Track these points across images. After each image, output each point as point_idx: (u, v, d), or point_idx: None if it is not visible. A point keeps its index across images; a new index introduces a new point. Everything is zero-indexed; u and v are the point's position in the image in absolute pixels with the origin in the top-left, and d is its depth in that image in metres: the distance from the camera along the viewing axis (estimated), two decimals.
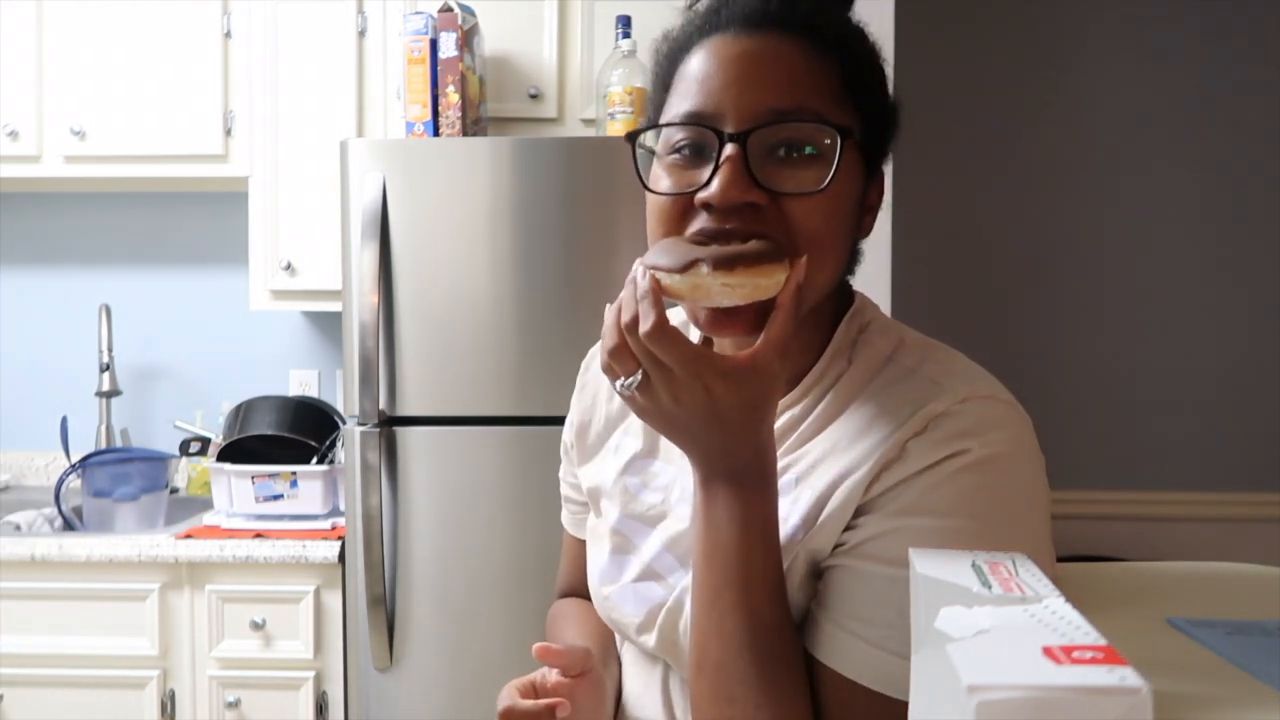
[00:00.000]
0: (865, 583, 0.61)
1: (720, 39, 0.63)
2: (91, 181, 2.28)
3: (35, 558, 1.85)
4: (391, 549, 1.76)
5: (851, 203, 0.64)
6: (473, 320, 1.75)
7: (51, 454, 2.42)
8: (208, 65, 2.12)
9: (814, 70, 0.61)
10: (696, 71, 0.63)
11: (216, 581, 1.86)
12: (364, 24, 2.08)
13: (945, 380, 0.63)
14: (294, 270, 2.10)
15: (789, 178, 0.60)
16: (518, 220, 1.74)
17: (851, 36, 0.65)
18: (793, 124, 0.60)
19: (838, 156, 0.60)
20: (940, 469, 0.59)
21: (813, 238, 0.60)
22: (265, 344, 2.47)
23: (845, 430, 0.65)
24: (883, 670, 0.59)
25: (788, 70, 0.61)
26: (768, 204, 0.60)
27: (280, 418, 2.03)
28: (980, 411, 0.61)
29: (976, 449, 0.59)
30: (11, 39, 2.13)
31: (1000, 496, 0.59)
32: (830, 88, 0.61)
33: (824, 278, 0.63)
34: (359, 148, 1.75)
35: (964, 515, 0.58)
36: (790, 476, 0.66)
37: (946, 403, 0.61)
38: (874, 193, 0.68)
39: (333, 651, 1.87)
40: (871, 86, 0.65)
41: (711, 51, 0.62)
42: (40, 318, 2.50)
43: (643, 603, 0.73)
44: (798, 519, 0.64)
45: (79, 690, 1.87)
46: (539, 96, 2.06)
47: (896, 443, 0.61)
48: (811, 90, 0.61)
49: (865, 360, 0.68)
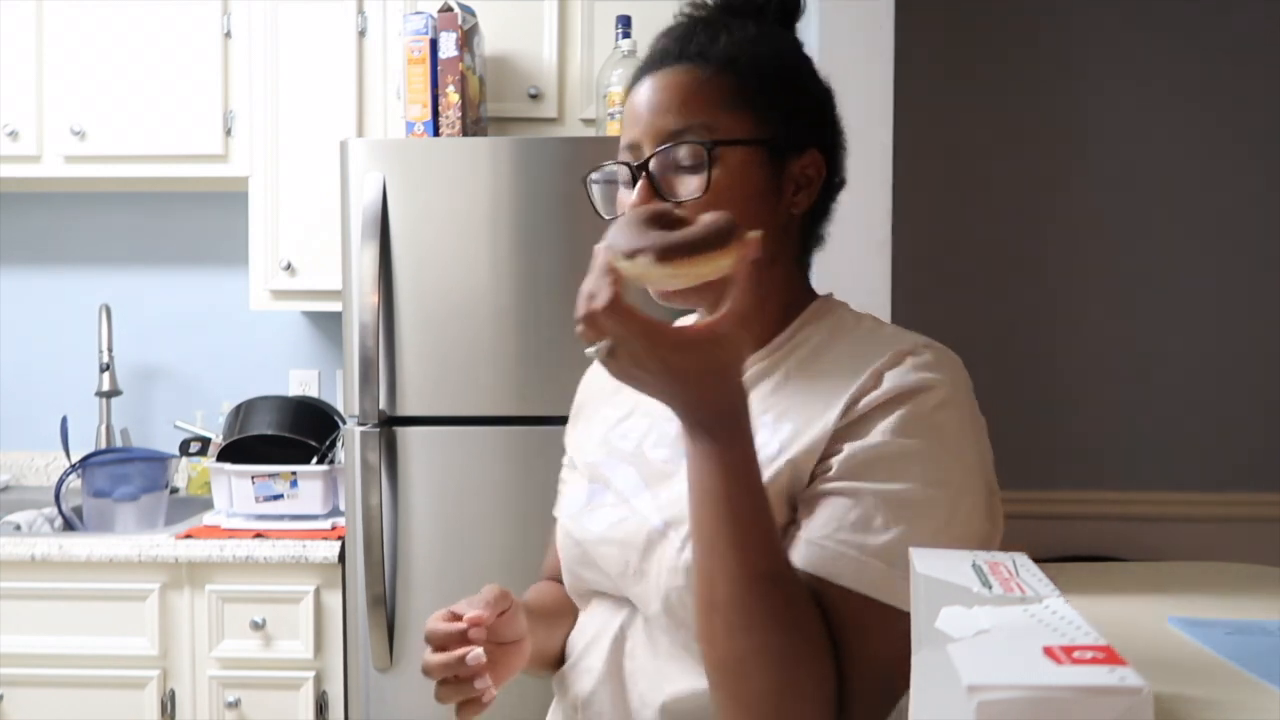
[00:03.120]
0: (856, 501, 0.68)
1: (645, 80, 0.79)
2: (91, 181, 2.28)
3: (35, 558, 1.85)
4: (391, 549, 1.75)
5: (745, 192, 0.75)
6: (473, 320, 1.75)
7: (51, 454, 2.42)
8: (208, 65, 2.12)
9: (704, 90, 0.76)
10: (629, 109, 0.80)
11: (216, 581, 1.86)
12: (364, 24, 2.08)
13: (907, 334, 0.77)
14: (294, 270, 2.10)
15: (683, 186, 0.75)
16: (518, 220, 1.74)
17: (744, 55, 0.77)
18: (674, 146, 0.75)
19: (708, 166, 0.73)
20: (914, 402, 0.70)
21: None
22: (265, 344, 2.47)
23: (823, 372, 0.76)
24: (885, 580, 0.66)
25: (680, 95, 0.76)
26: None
27: (280, 418, 2.03)
28: (940, 355, 0.74)
29: (941, 387, 0.70)
30: (11, 39, 2.13)
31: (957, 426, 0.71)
32: (719, 100, 0.76)
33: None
34: (359, 148, 1.75)
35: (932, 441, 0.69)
36: (769, 416, 0.75)
37: (913, 344, 0.74)
38: (804, 170, 0.79)
39: (333, 651, 1.87)
40: (770, 90, 0.77)
41: (639, 90, 0.79)
42: (40, 318, 2.50)
43: (605, 518, 0.81)
44: (776, 444, 0.73)
45: (79, 690, 1.87)
46: (539, 96, 2.06)
47: (872, 374, 0.72)
48: (701, 107, 0.75)
49: (838, 325, 0.80)
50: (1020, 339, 2.41)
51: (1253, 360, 2.40)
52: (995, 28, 2.41)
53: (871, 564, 0.67)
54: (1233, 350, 2.40)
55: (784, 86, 0.79)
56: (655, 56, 0.80)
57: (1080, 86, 2.41)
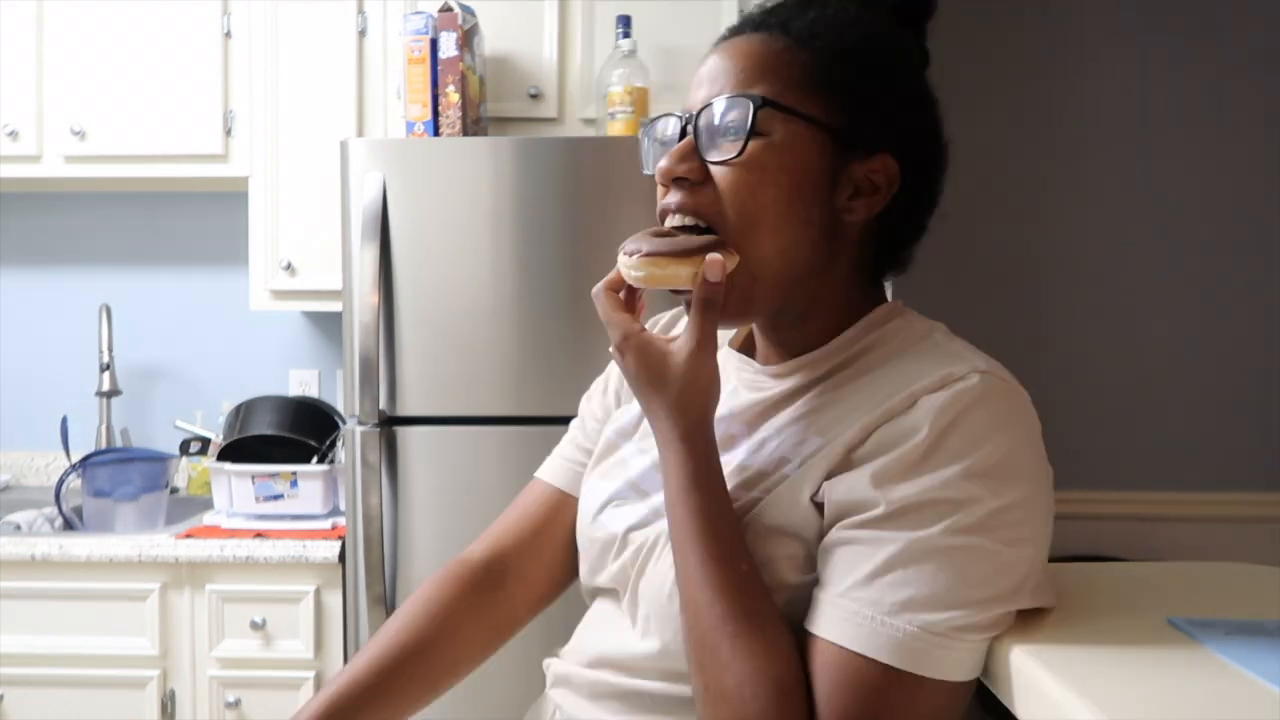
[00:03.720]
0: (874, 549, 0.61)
1: (717, 46, 0.73)
2: (91, 181, 2.28)
3: (35, 558, 1.85)
4: (391, 549, 1.75)
5: (791, 177, 0.67)
6: (473, 320, 1.74)
7: (51, 454, 2.42)
8: (208, 65, 2.11)
9: (777, 61, 0.68)
10: (697, 74, 0.73)
11: (217, 581, 1.86)
12: (364, 24, 2.08)
13: (969, 355, 0.67)
14: (294, 270, 2.10)
15: (720, 148, 0.68)
16: (518, 220, 1.74)
17: (831, 35, 0.69)
18: (724, 100, 0.68)
19: (749, 125, 0.66)
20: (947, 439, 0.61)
21: (737, 205, 0.68)
22: (265, 344, 2.47)
23: (869, 382, 0.69)
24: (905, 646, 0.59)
25: (748, 61, 0.69)
26: (701, 176, 0.69)
27: (280, 418, 2.03)
28: (989, 384, 0.63)
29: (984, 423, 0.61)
30: (11, 39, 2.13)
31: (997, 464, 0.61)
32: (793, 77, 0.68)
33: (768, 248, 0.68)
34: (359, 148, 1.75)
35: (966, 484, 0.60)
36: (799, 426, 0.70)
37: (967, 367, 0.64)
38: (870, 176, 0.70)
39: (333, 651, 1.87)
40: (851, 78, 0.69)
41: (708, 56, 0.73)
42: (40, 318, 2.50)
43: (626, 515, 0.78)
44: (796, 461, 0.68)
45: (79, 690, 1.86)
46: (539, 96, 2.06)
47: (909, 395, 0.64)
48: (769, 77, 0.68)
49: (901, 334, 0.72)
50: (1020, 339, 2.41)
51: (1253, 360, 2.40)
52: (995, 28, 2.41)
53: (888, 624, 0.59)
54: (1233, 350, 2.40)
55: (867, 76, 0.70)
56: (739, 23, 0.74)
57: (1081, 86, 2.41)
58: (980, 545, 0.59)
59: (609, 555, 0.78)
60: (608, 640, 0.78)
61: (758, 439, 0.73)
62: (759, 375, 0.77)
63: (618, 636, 0.77)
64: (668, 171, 0.69)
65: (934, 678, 0.59)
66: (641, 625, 0.74)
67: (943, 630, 0.58)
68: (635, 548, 0.76)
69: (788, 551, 0.66)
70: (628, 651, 0.74)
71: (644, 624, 0.73)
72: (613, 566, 0.78)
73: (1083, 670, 0.53)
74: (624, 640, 0.76)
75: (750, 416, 0.75)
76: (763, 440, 0.72)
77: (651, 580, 0.73)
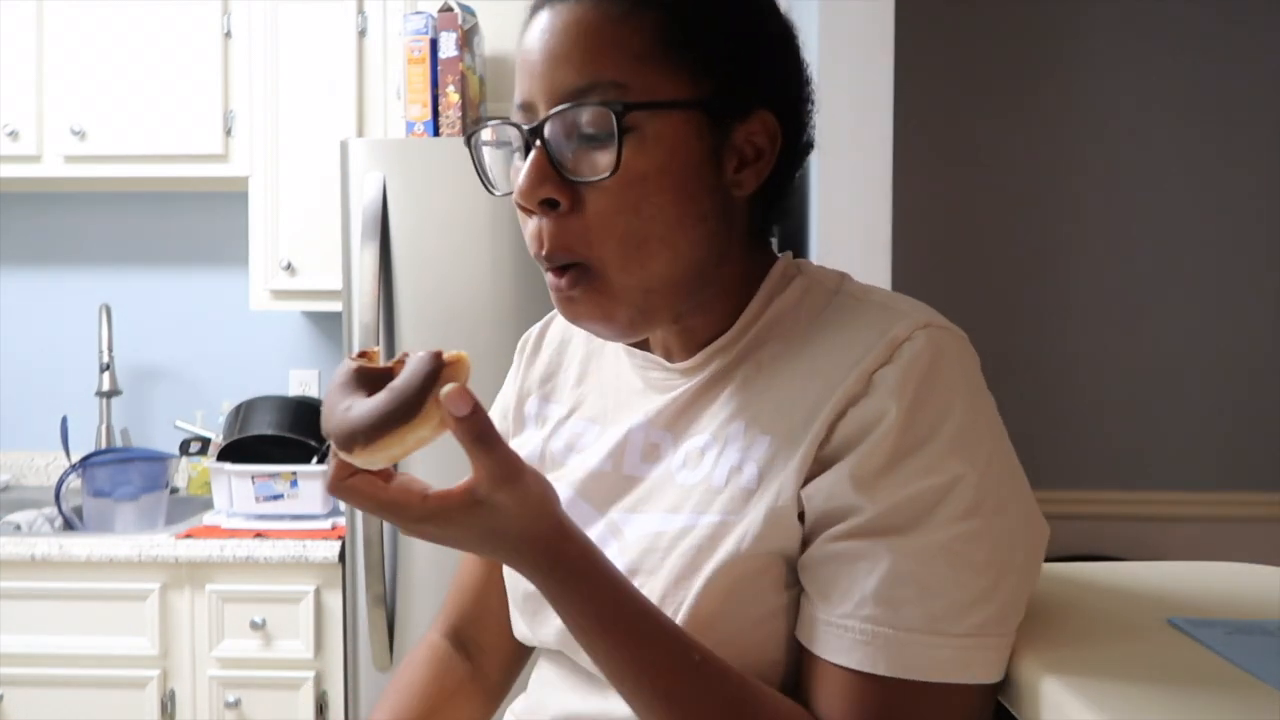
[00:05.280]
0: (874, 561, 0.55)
1: (539, 14, 0.61)
2: (91, 181, 2.28)
3: (35, 558, 1.85)
4: (391, 549, 1.75)
5: (674, 178, 0.58)
6: (473, 320, 1.74)
7: (51, 454, 2.42)
8: (208, 65, 2.11)
9: (617, 33, 0.57)
10: (521, 54, 0.61)
11: (216, 581, 1.86)
12: (364, 24, 2.08)
13: (897, 305, 0.61)
14: (294, 270, 2.10)
15: (587, 164, 0.58)
16: (517, 220, 1.74)
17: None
18: (576, 108, 0.57)
19: (617, 136, 0.56)
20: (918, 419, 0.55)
21: (618, 234, 0.58)
22: (265, 344, 2.47)
23: (802, 359, 0.61)
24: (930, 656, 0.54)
25: (585, 39, 0.57)
26: (569, 204, 0.58)
27: (280, 418, 2.03)
28: (937, 338, 0.58)
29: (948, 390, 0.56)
30: (11, 39, 2.13)
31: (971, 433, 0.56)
32: (638, 49, 0.57)
33: (656, 269, 0.59)
34: (359, 148, 1.75)
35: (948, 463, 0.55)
36: (738, 424, 0.62)
37: (909, 326, 0.58)
38: (752, 140, 0.61)
39: (333, 651, 1.87)
40: (711, 32, 0.59)
41: (532, 29, 0.61)
42: (40, 318, 2.50)
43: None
44: (755, 469, 0.60)
45: (79, 690, 1.86)
46: None
47: (860, 376, 0.57)
48: (611, 57, 0.57)
49: (811, 294, 0.65)
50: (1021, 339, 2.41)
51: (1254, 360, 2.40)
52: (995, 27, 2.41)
53: (915, 640, 0.54)
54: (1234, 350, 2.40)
55: (723, 25, 0.60)
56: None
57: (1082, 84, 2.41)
58: (978, 527, 0.55)
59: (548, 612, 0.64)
60: (569, 701, 0.67)
61: (691, 446, 0.64)
62: (669, 375, 0.68)
63: (584, 698, 0.66)
64: (529, 196, 0.59)
65: (968, 683, 0.55)
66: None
67: (968, 631, 0.54)
68: None
69: (771, 574, 0.59)
70: (601, 713, 0.64)
71: None
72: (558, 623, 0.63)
73: (1083, 670, 0.53)
74: (594, 703, 0.65)
75: (668, 420, 0.66)
76: (700, 449, 0.63)
77: None
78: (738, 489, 0.60)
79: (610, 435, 0.69)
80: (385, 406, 0.52)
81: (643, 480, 0.66)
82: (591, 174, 0.57)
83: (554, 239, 0.60)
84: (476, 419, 0.52)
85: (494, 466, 0.53)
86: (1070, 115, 2.41)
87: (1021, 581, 0.57)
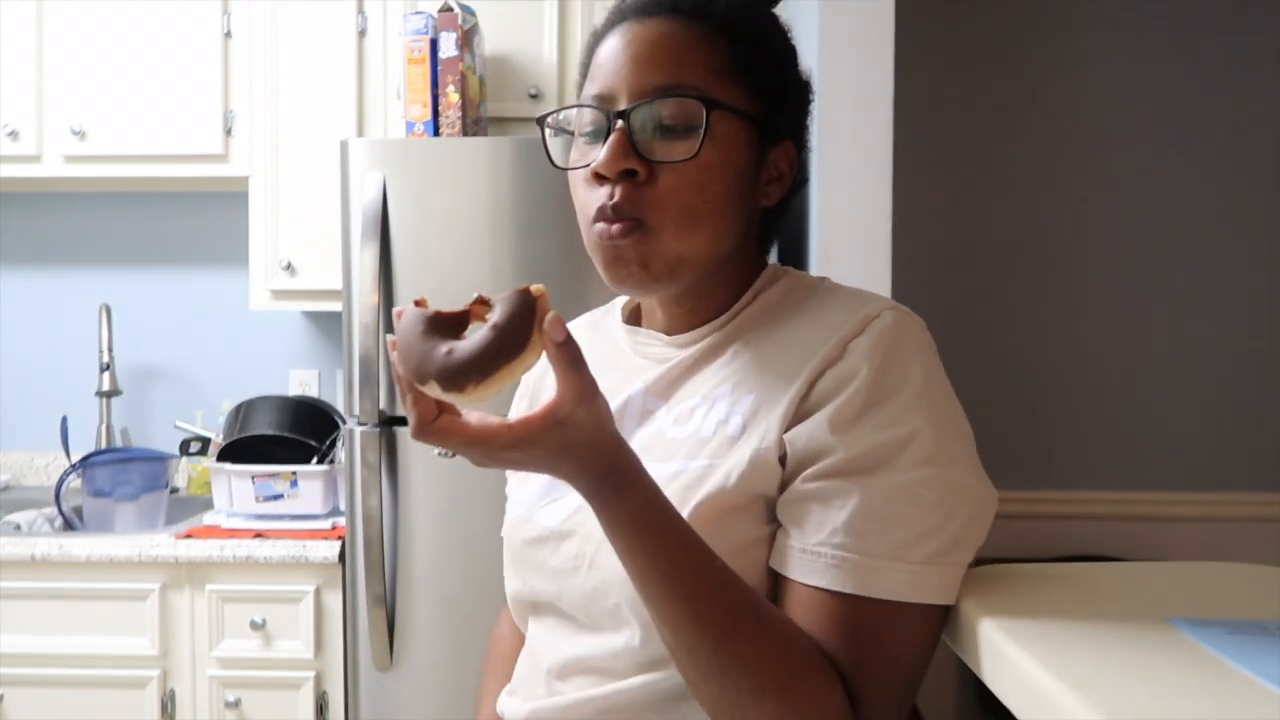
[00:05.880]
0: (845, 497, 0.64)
1: (623, 27, 0.72)
2: (91, 181, 2.28)
3: (35, 558, 1.85)
4: (391, 549, 1.75)
5: (732, 172, 0.70)
6: None
7: (51, 454, 2.42)
8: (208, 65, 2.12)
9: (699, 50, 0.69)
10: (600, 58, 0.73)
11: (216, 581, 1.86)
12: (364, 24, 2.08)
13: (866, 294, 0.74)
14: (294, 270, 2.10)
15: (665, 149, 0.68)
16: (518, 220, 1.74)
17: (744, 20, 0.72)
18: (669, 99, 0.68)
19: (704, 128, 0.67)
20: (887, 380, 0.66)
21: (682, 205, 0.69)
22: (265, 344, 2.47)
23: (784, 337, 0.72)
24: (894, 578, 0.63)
25: (673, 50, 0.69)
26: (646, 175, 0.68)
27: (280, 418, 2.03)
28: (901, 319, 0.69)
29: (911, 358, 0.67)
30: (11, 39, 2.13)
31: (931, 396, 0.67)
32: (715, 65, 0.69)
33: (699, 242, 0.70)
34: (359, 148, 1.75)
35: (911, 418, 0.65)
36: (726, 386, 0.72)
37: (878, 307, 0.69)
38: (778, 163, 0.75)
39: (333, 651, 1.87)
40: (766, 64, 0.72)
41: (614, 39, 0.72)
42: (40, 318, 2.50)
43: (565, 507, 0.75)
44: (740, 420, 0.69)
45: (79, 690, 1.86)
46: (539, 96, 2.06)
47: (838, 343, 0.67)
48: (694, 67, 0.69)
49: (795, 289, 0.76)
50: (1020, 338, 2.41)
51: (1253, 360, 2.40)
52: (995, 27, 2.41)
53: (878, 565, 0.63)
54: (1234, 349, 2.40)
55: (776, 66, 0.73)
56: (637, 4, 0.73)
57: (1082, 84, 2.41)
58: (932, 474, 0.64)
59: (547, 551, 0.75)
60: (566, 648, 0.74)
61: (682, 407, 0.74)
62: (666, 348, 0.78)
63: (577, 641, 0.73)
64: (612, 166, 0.68)
65: (923, 603, 0.64)
66: (610, 618, 0.70)
67: (921, 560, 0.63)
68: (583, 535, 0.72)
69: (752, 510, 0.68)
70: (599, 651, 0.71)
71: (613, 615, 0.70)
72: (554, 562, 0.74)
73: (1083, 670, 0.53)
74: (587, 643, 0.72)
75: (662, 387, 0.76)
76: (690, 408, 0.73)
77: (615, 564, 0.66)
78: (724, 437, 0.69)
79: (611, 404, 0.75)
80: (496, 344, 0.56)
81: (634, 438, 0.75)
82: (670, 156, 0.68)
83: (626, 199, 0.69)
84: (571, 343, 0.59)
85: (579, 385, 0.59)
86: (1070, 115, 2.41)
87: (967, 526, 0.66)
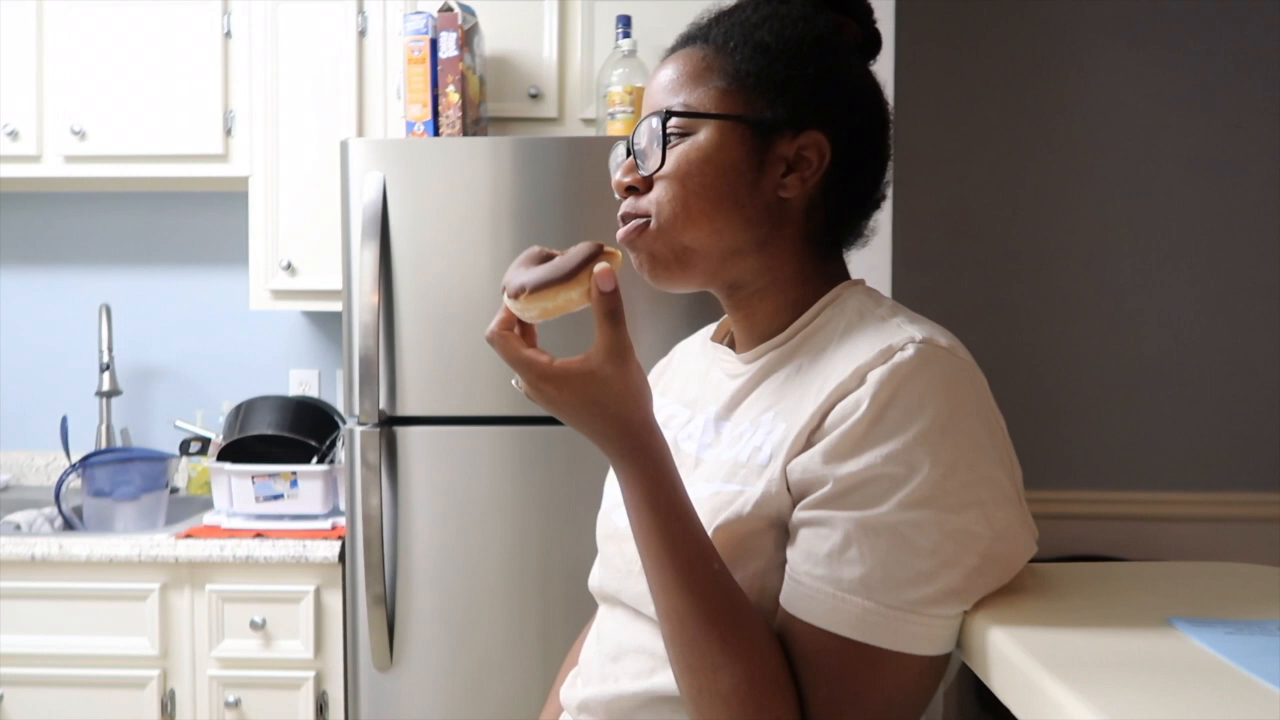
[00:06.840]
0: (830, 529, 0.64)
1: (660, 63, 0.80)
2: (91, 181, 2.28)
3: (35, 558, 1.85)
4: (391, 549, 1.75)
5: (717, 169, 0.74)
6: (473, 320, 1.74)
7: (51, 454, 2.43)
8: (208, 65, 2.12)
9: (698, 70, 0.76)
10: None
11: (216, 581, 1.86)
12: (364, 24, 2.08)
13: (908, 326, 0.69)
14: (294, 270, 2.10)
15: (647, 164, 0.76)
16: (518, 220, 1.74)
17: (748, 32, 0.76)
18: (644, 120, 0.76)
19: (661, 140, 0.74)
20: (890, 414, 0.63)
21: (672, 205, 0.74)
22: (265, 344, 2.47)
23: (825, 363, 0.72)
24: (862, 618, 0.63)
25: (675, 76, 0.77)
26: (645, 187, 0.76)
27: (280, 418, 2.03)
28: (926, 353, 0.65)
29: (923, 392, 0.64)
30: (11, 39, 2.13)
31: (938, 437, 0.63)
32: (714, 81, 0.75)
33: (699, 233, 0.75)
34: (359, 148, 1.75)
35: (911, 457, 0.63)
36: (769, 415, 0.73)
37: (906, 338, 0.66)
38: (791, 153, 0.75)
39: (333, 651, 1.87)
40: (767, 64, 0.75)
41: (653, 75, 0.80)
42: (40, 318, 2.50)
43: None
44: (769, 450, 0.70)
45: (79, 690, 1.87)
46: (539, 96, 2.06)
47: (855, 372, 0.66)
48: (690, 86, 0.75)
49: (849, 311, 0.75)
50: (1021, 338, 2.41)
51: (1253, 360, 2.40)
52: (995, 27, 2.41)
53: (848, 601, 0.63)
54: (1233, 350, 2.40)
55: (781, 66, 0.75)
56: (678, 38, 0.82)
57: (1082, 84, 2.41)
58: (927, 518, 0.62)
59: (613, 549, 0.81)
60: (624, 633, 0.79)
61: (737, 431, 0.76)
62: (735, 363, 0.81)
63: (636, 627, 0.78)
64: (619, 184, 0.78)
65: (896, 650, 0.63)
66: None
67: (899, 604, 0.62)
68: None
69: (768, 536, 0.69)
70: (651, 639, 0.75)
71: None
72: (617, 561, 0.80)
73: (1083, 670, 0.53)
74: (641, 629, 0.77)
75: (727, 407, 0.79)
76: (739, 433, 0.76)
77: None
78: (754, 464, 0.71)
79: (695, 423, 0.83)
80: (551, 267, 0.67)
81: (703, 459, 0.79)
82: (650, 169, 0.75)
83: (629, 207, 0.78)
84: (615, 297, 0.65)
85: (612, 341, 0.65)
86: (1070, 115, 2.41)
87: (971, 579, 0.63)
